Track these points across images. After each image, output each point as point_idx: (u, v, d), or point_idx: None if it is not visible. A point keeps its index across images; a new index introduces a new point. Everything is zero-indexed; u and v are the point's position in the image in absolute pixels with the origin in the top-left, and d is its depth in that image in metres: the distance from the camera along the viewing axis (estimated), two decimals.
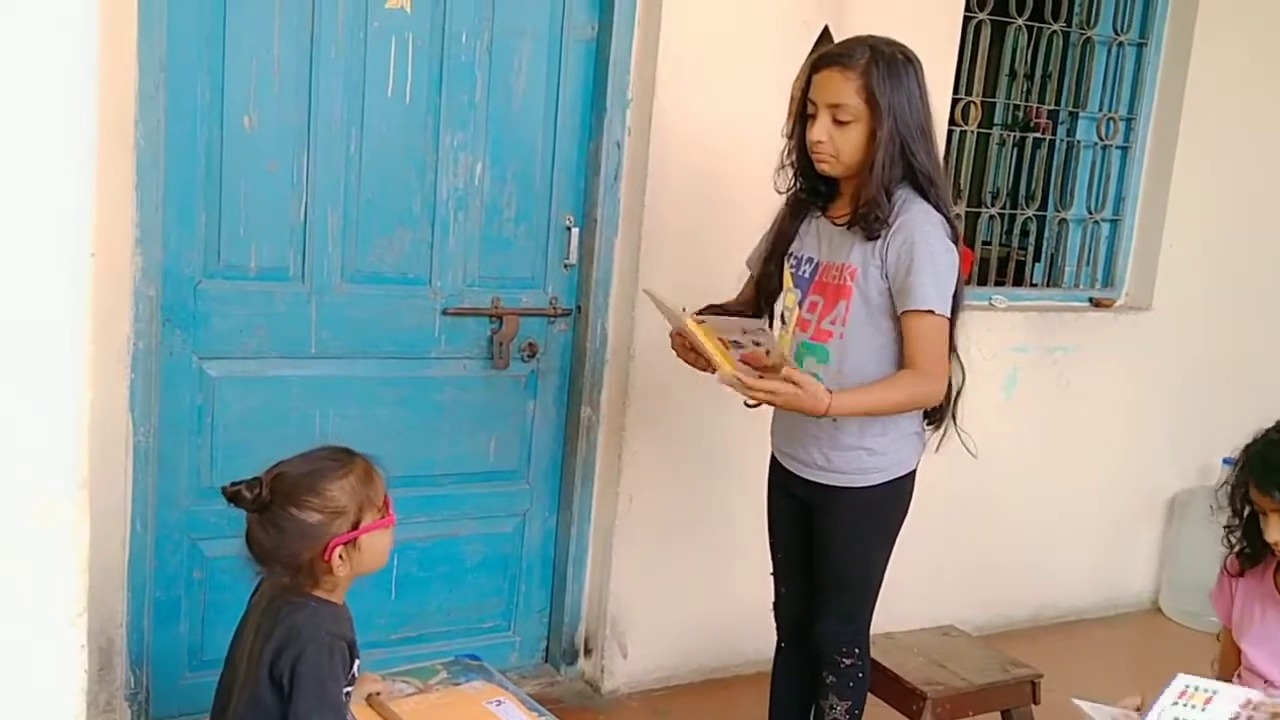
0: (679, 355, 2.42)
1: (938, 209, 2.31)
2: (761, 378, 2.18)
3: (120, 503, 2.70)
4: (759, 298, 2.55)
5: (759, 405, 2.30)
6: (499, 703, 2.25)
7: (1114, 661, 4.06)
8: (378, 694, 2.20)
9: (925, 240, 2.26)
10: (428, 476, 3.16)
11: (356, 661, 2.02)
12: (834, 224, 2.40)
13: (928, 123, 2.32)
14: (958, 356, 2.43)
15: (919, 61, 2.32)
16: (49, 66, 1.04)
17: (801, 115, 2.37)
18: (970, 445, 2.49)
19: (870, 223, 2.29)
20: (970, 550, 4.03)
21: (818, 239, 2.43)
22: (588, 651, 3.46)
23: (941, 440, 2.49)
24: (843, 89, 2.26)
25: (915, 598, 3.72)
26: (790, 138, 2.44)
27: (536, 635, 3.48)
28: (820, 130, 2.29)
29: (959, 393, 2.46)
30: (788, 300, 2.46)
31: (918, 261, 2.25)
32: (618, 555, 3.35)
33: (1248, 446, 2.15)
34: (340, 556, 1.92)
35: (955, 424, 2.48)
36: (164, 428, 2.79)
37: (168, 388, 2.79)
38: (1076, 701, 2.21)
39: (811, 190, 2.44)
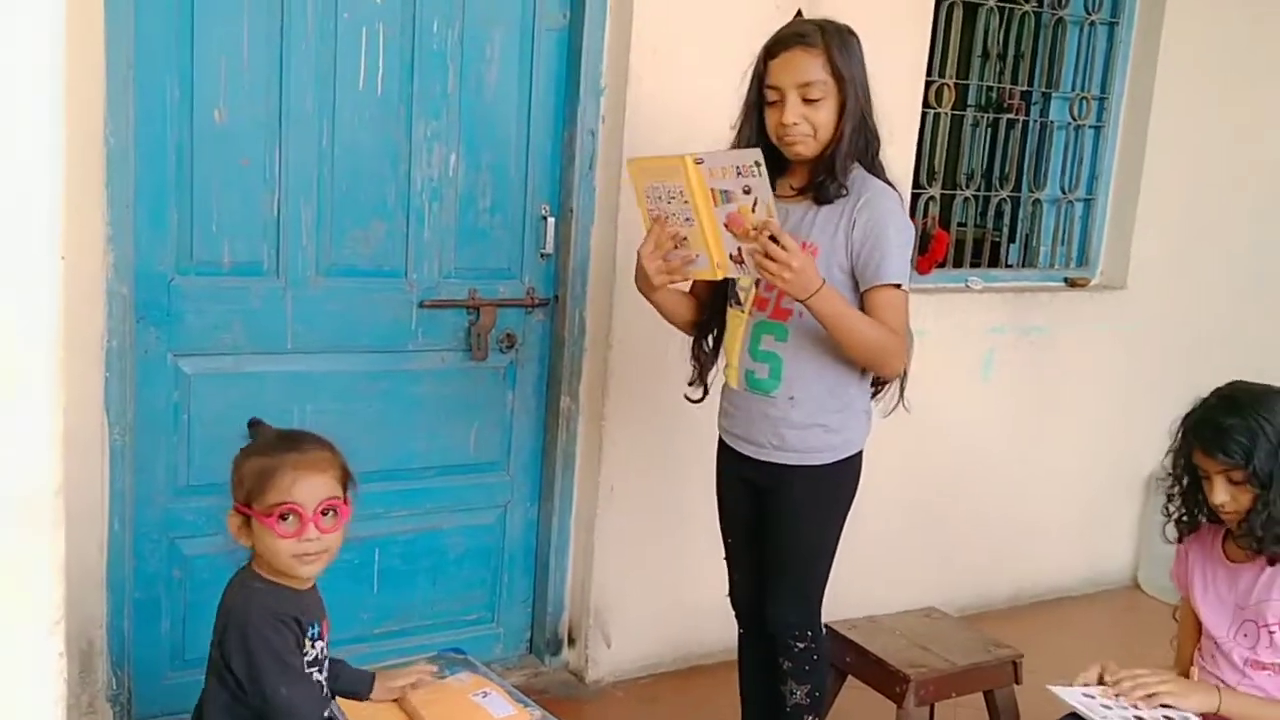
0: (651, 266, 2.31)
1: (882, 175, 2.37)
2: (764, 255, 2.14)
3: (97, 503, 2.68)
4: (713, 287, 2.52)
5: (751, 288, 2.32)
6: (485, 694, 2.25)
7: (1095, 638, 4.09)
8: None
9: (890, 218, 2.31)
10: (408, 470, 3.15)
11: (316, 641, 2.01)
12: (786, 200, 2.40)
13: (869, 88, 2.37)
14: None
15: (856, 33, 2.38)
16: (14, 65, 1.03)
17: (757, 106, 2.38)
18: (906, 404, 2.48)
19: (829, 190, 2.33)
20: (951, 531, 4.05)
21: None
22: (572, 641, 3.46)
23: (894, 407, 2.49)
24: (810, 66, 2.29)
25: (897, 580, 3.74)
26: (741, 130, 2.42)
27: (520, 626, 3.48)
28: (793, 112, 2.30)
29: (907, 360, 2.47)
30: (743, 281, 2.43)
31: (885, 239, 2.28)
32: (600, 544, 3.35)
33: (1188, 415, 2.23)
34: (240, 525, 1.97)
35: (903, 388, 2.48)
36: (140, 426, 2.77)
37: (143, 386, 2.77)
38: (1051, 689, 2.23)
39: None
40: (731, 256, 2.23)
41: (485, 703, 2.23)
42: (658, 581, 3.46)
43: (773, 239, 2.14)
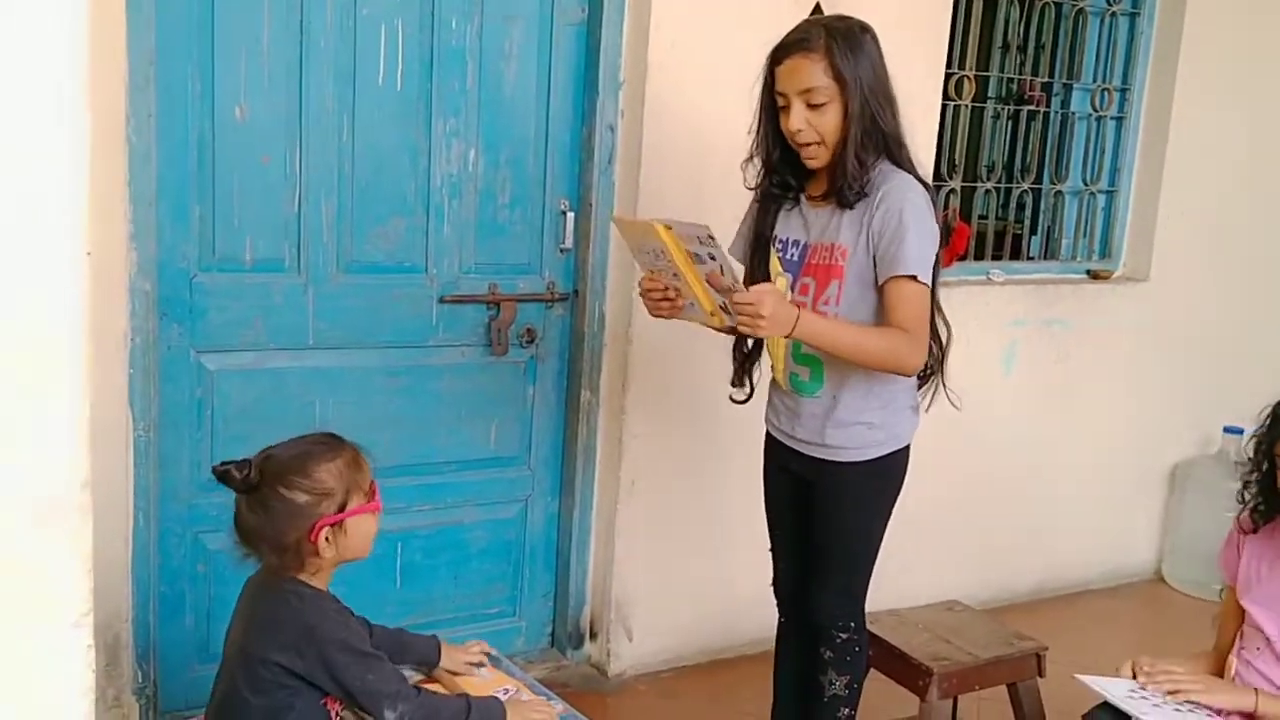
0: (650, 303, 2.35)
1: (912, 172, 2.34)
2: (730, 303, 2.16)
3: (122, 498, 2.70)
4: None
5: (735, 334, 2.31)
6: (507, 691, 2.26)
7: (1118, 631, 4.08)
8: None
9: (910, 208, 2.27)
10: (429, 465, 3.17)
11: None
12: (815, 204, 2.41)
13: (889, 87, 2.33)
14: (942, 314, 2.44)
15: (873, 29, 2.34)
16: (39, 62, 1.04)
17: (770, 110, 2.37)
18: (955, 400, 2.50)
19: (848, 195, 2.31)
20: (974, 525, 4.04)
21: (802, 220, 2.44)
22: (593, 635, 3.47)
23: (931, 400, 2.50)
24: (811, 73, 2.27)
25: (920, 574, 3.74)
26: (758, 134, 2.43)
27: (542, 620, 3.49)
28: (797, 119, 2.29)
29: (946, 350, 2.47)
30: (778, 285, 2.45)
31: (901, 230, 2.26)
32: (621, 538, 3.36)
33: None
34: (326, 539, 1.94)
35: (944, 383, 2.49)
36: (163, 422, 2.79)
37: (166, 382, 2.78)
38: (1081, 678, 2.21)
39: (782, 184, 2.45)
40: (721, 306, 2.24)
41: (508, 699, 2.23)
42: (679, 575, 3.46)
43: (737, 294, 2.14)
